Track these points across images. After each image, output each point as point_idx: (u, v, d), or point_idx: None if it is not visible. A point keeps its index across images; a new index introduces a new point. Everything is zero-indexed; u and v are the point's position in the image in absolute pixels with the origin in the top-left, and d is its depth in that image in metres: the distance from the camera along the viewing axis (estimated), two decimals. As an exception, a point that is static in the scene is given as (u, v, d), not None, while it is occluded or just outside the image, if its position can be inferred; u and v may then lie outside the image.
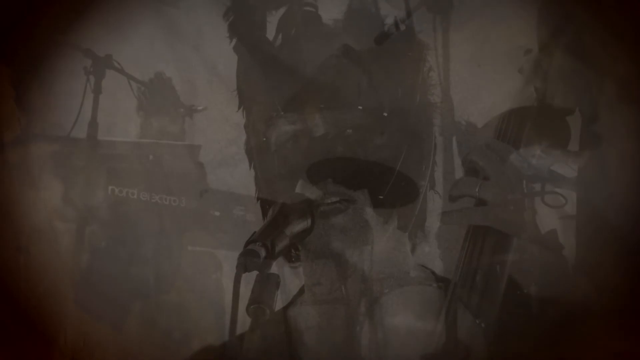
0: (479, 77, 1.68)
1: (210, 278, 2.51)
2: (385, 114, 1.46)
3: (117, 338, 2.21)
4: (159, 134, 2.72)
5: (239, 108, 1.56)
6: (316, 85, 1.45)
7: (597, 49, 1.39)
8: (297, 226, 1.35)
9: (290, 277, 1.53)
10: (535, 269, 1.35)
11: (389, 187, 1.44)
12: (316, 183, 1.42)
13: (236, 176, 1.60)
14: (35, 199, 2.31)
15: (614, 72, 1.40)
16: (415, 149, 1.48)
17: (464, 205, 1.33)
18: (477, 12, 1.69)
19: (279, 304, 1.49)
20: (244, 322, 1.29)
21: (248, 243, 1.26)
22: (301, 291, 1.53)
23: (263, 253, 1.24)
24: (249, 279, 1.25)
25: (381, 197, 1.43)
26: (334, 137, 1.44)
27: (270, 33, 1.52)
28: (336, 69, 1.47)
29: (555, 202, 1.81)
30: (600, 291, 1.39)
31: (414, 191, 1.48)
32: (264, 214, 1.56)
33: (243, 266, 1.22)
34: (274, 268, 1.28)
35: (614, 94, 1.42)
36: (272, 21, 1.52)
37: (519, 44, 1.44)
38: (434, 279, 1.48)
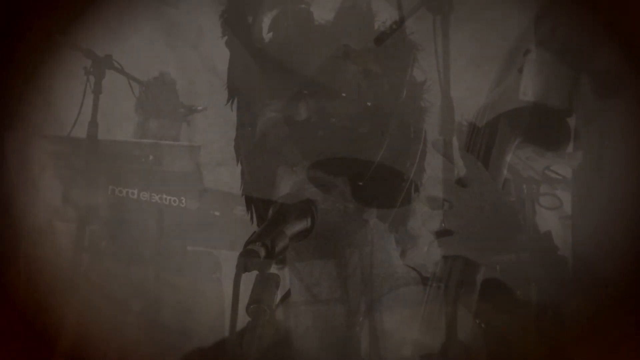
0: (479, 77, 1.68)
1: (210, 278, 2.51)
2: (369, 104, 1.46)
3: (117, 338, 2.21)
4: (159, 134, 2.72)
5: (228, 101, 1.57)
6: (305, 79, 1.46)
7: (575, 44, 1.39)
8: (297, 226, 1.35)
9: (291, 277, 1.53)
10: (533, 268, 1.35)
11: (369, 175, 1.44)
12: (295, 166, 1.43)
13: (236, 176, 1.60)
14: (35, 199, 2.31)
15: (592, 68, 1.40)
16: (400, 144, 1.49)
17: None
18: (477, 13, 1.69)
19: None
20: (244, 322, 1.29)
21: (248, 243, 1.26)
22: (288, 293, 1.53)
23: (263, 253, 1.24)
24: (249, 279, 1.25)
25: (360, 183, 1.44)
26: (316, 122, 1.44)
27: (264, 31, 1.53)
28: (334, 67, 1.47)
29: (550, 203, 1.82)
30: (599, 290, 1.39)
31: (396, 183, 1.48)
32: (248, 208, 1.56)
33: (243, 266, 1.22)
34: (274, 268, 1.28)
35: (591, 89, 1.42)
36: (267, 20, 1.53)
37: (518, 44, 1.44)
38: (423, 279, 1.48)
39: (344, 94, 1.45)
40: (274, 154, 1.46)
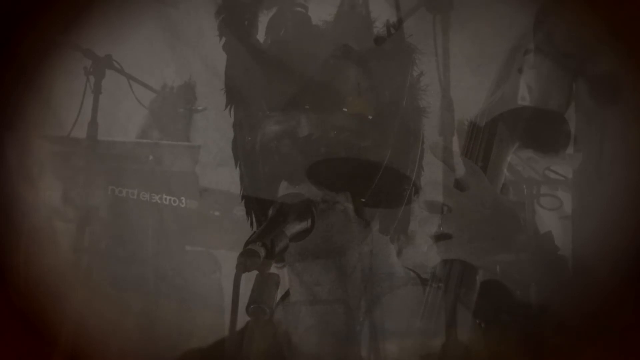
0: (479, 77, 1.68)
1: (210, 278, 2.51)
2: (370, 117, 1.46)
3: (117, 338, 2.21)
4: (160, 134, 2.72)
5: (227, 106, 1.57)
6: (303, 85, 1.46)
7: (573, 49, 1.39)
8: (297, 226, 1.35)
9: (290, 277, 1.53)
10: (533, 269, 1.35)
11: (372, 190, 1.44)
12: (299, 184, 1.43)
13: (236, 176, 1.60)
14: (35, 199, 2.31)
15: (590, 73, 1.40)
16: (400, 152, 1.49)
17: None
18: (477, 12, 1.69)
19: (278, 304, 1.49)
20: (244, 322, 1.29)
21: (248, 243, 1.27)
22: (287, 293, 1.53)
23: (263, 253, 1.25)
24: (249, 279, 1.25)
25: (363, 199, 1.44)
26: (317, 138, 1.44)
27: (261, 33, 1.53)
28: (332, 70, 1.47)
29: (551, 204, 1.81)
30: (599, 290, 1.39)
31: (398, 195, 1.48)
32: (248, 213, 1.57)
33: (243, 266, 1.22)
34: (274, 268, 1.28)
35: (589, 95, 1.42)
36: (263, 21, 1.53)
37: (518, 44, 1.44)
38: (422, 280, 1.48)
39: (345, 109, 1.45)
40: (276, 170, 1.46)
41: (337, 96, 1.45)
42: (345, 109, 1.45)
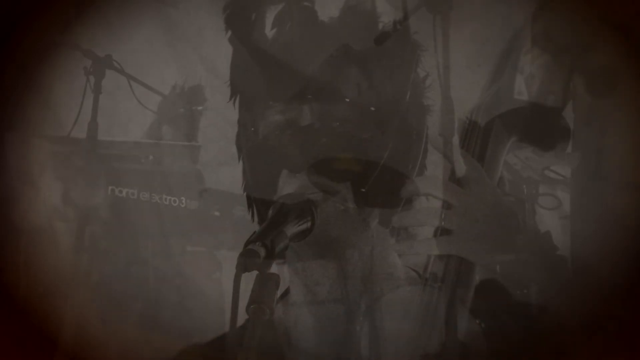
0: (479, 77, 1.68)
1: (210, 278, 2.51)
2: (372, 109, 1.46)
3: (117, 338, 2.21)
4: (168, 133, 2.73)
5: (230, 98, 1.57)
6: (307, 78, 1.46)
7: (570, 43, 1.39)
8: (297, 226, 1.35)
9: (290, 276, 1.53)
10: (533, 268, 1.35)
11: (372, 181, 1.44)
12: (298, 173, 1.43)
13: (236, 176, 1.60)
14: (35, 199, 2.31)
15: (586, 67, 1.40)
16: (402, 147, 1.49)
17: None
18: (477, 12, 1.69)
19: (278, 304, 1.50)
20: (243, 321, 1.29)
21: (248, 243, 1.27)
22: (286, 291, 1.53)
23: (263, 253, 1.24)
24: (249, 279, 1.25)
25: (363, 190, 1.44)
26: (319, 128, 1.44)
27: (267, 28, 1.53)
28: (334, 67, 1.47)
29: (550, 204, 1.82)
30: (599, 290, 1.39)
31: (398, 187, 1.48)
32: (249, 207, 1.57)
33: (243, 266, 1.22)
34: (274, 268, 1.28)
35: (586, 88, 1.42)
36: (270, 16, 1.53)
37: (518, 44, 1.44)
38: (422, 279, 1.48)
39: (347, 99, 1.45)
40: (277, 159, 1.46)
41: (339, 91, 1.45)
42: (347, 99, 1.45)
